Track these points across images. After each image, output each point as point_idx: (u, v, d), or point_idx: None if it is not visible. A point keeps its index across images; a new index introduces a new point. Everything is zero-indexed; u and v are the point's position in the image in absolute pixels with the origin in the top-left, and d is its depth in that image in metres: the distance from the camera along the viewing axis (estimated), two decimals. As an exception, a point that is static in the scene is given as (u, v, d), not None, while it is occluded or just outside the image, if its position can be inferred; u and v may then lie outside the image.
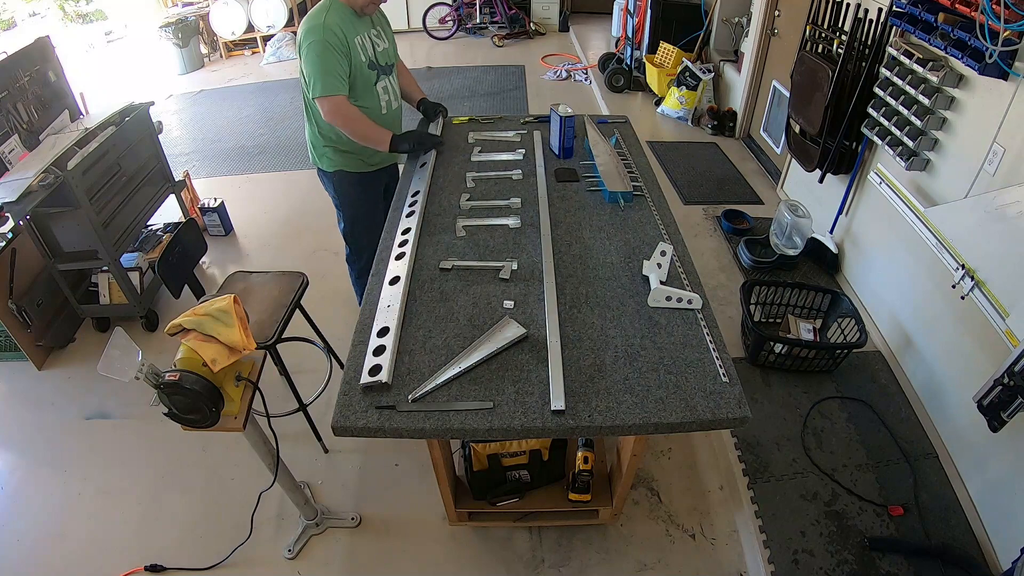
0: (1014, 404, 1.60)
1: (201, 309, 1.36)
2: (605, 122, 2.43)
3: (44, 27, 6.23)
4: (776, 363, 2.45)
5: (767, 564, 1.82)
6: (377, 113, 2.13)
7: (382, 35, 2.16)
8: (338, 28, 1.91)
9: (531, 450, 1.77)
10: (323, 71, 1.90)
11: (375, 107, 2.12)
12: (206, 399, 1.30)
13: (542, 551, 1.94)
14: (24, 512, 2.13)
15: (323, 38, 1.88)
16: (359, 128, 2.02)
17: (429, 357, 1.35)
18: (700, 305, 1.48)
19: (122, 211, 2.76)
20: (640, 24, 5.14)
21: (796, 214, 2.86)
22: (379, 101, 2.13)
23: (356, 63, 1.99)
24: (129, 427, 2.42)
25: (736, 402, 1.25)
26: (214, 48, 6.83)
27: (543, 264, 1.63)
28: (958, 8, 1.87)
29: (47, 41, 2.84)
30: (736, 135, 4.45)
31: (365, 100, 2.08)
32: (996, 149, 1.88)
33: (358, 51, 1.99)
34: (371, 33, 2.08)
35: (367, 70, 2.04)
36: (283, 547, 1.95)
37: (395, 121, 2.25)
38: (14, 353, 2.69)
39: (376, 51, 2.09)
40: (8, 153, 2.46)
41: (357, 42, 1.99)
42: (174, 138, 4.87)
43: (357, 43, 1.99)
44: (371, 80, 2.07)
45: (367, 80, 2.06)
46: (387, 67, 2.16)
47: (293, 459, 2.09)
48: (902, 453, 2.13)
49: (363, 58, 2.02)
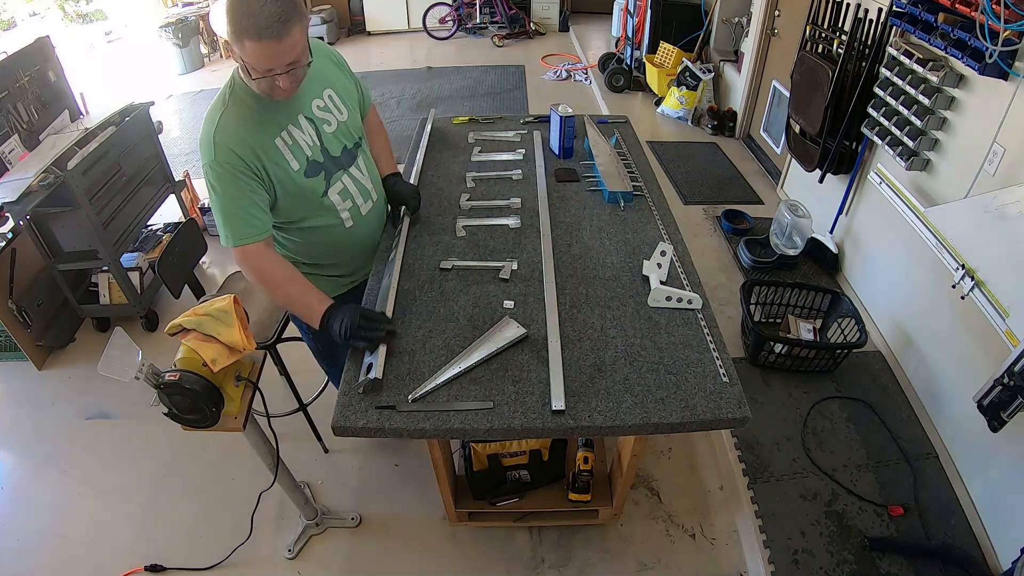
0: (1014, 404, 1.60)
1: (201, 309, 1.36)
2: (605, 122, 2.43)
3: (44, 27, 6.22)
4: (776, 363, 2.45)
5: (767, 564, 1.82)
6: (341, 231, 1.54)
7: (332, 103, 1.47)
8: (237, 139, 1.30)
9: (531, 450, 1.77)
10: (224, 211, 1.33)
11: (335, 224, 1.53)
12: (206, 399, 1.30)
13: (542, 551, 1.94)
14: (24, 512, 2.14)
15: (214, 159, 1.29)
16: (277, 292, 1.43)
17: (429, 357, 1.35)
18: (700, 305, 1.48)
19: (122, 211, 2.76)
20: (640, 24, 5.14)
21: (796, 214, 2.86)
22: (338, 215, 1.52)
23: (283, 180, 1.38)
24: (129, 427, 2.42)
25: (736, 402, 1.25)
26: (214, 48, 6.83)
27: (543, 264, 1.63)
28: (958, 8, 1.87)
29: (47, 41, 2.84)
30: (736, 135, 4.45)
31: (318, 220, 1.50)
32: (996, 149, 1.88)
33: (285, 160, 1.37)
34: (313, 111, 1.43)
35: (306, 180, 1.41)
36: (283, 547, 1.95)
37: (371, 224, 1.66)
38: (14, 353, 2.69)
39: (323, 137, 1.45)
40: (8, 153, 2.46)
41: (281, 145, 1.36)
42: (174, 138, 4.87)
43: (281, 146, 1.36)
44: (318, 190, 1.45)
45: (312, 193, 1.44)
46: (346, 155, 1.51)
47: (293, 459, 2.09)
48: (902, 453, 2.13)
49: (296, 165, 1.39)
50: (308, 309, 1.40)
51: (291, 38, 1.19)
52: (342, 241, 1.58)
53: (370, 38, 7.35)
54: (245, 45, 1.17)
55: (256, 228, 1.36)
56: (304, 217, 1.49)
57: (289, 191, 1.41)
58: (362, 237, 1.64)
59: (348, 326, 1.32)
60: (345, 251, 1.63)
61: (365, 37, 7.35)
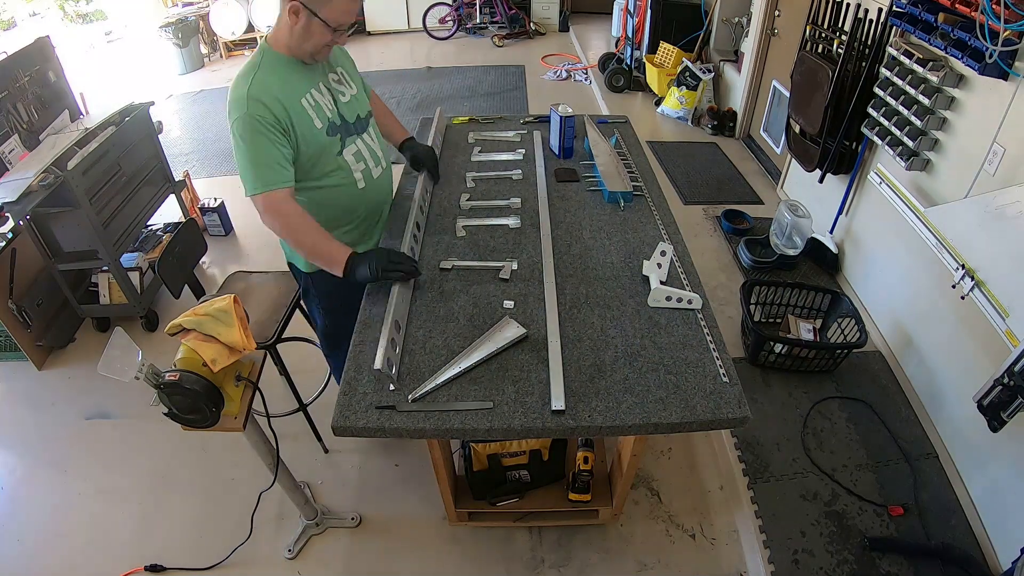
0: (1014, 404, 1.60)
1: (201, 309, 1.36)
2: (605, 122, 2.43)
3: (44, 27, 6.22)
4: (776, 363, 2.45)
5: (767, 564, 1.82)
6: (353, 190, 1.65)
7: (344, 79, 1.64)
8: (269, 96, 1.41)
9: (531, 450, 1.77)
10: (252, 161, 1.41)
11: (348, 183, 1.63)
12: (206, 399, 1.30)
13: (542, 551, 1.94)
14: (24, 512, 2.14)
15: (247, 113, 1.38)
16: (303, 238, 1.50)
17: (429, 357, 1.35)
18: (700, 305, 1.48)
19: (122, 211, 2.76)
20: (640, 24, 5.14)
21: (796, 214, 2.86)
22: (352, 174, 1.63)
23: (306, 136, 1.49)
24: (129, 427, 2.42)
25: (736, 402, 1.25)
26: (214, 48, 6.83)
27: (543, 264, 1.63)
28: (958, 8, 1.87)
29: (47, 41, 2.84)
30: (736, 135, 4.45)
31: (332, 178, 1.60)
32: (996, 149, 1.88)
33: (308, 117, 1.49)
34: (329, 81, 1.59)
35: (326, 138, 1.54)
36: (283, 547, 1.95)
37: (382, 190, 1.77)
38: (14, 353, 2.69)
39: (339, 105, 1.59)
40: (8, 153, 2.46)
41: (306, 104, 1.49)
42: (174, 138, 4.87)
43: (306, 106, 1.49)
44: (334, 149, 1.57)
45: (329, 151, 1.56)
46: (359, 122, 1.65)
47: (293, 459, 2.09)
48: (902, 453, 2.13)
49: (318, 124, 1.51)
50: (332, 255, 1.48)
51: None
52: (354, 201, 1.68)
53: (370, 38, 7.35)
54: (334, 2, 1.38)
55: (282, 177, 1.45)
56: (321, 175, 1.58)
57: (311, 147, 1.51)
58: (372, 199, 1.73)
59: (379, 262, 1.45)
60: (356, 212, 1.71)
61: (365, 37, 7.35)
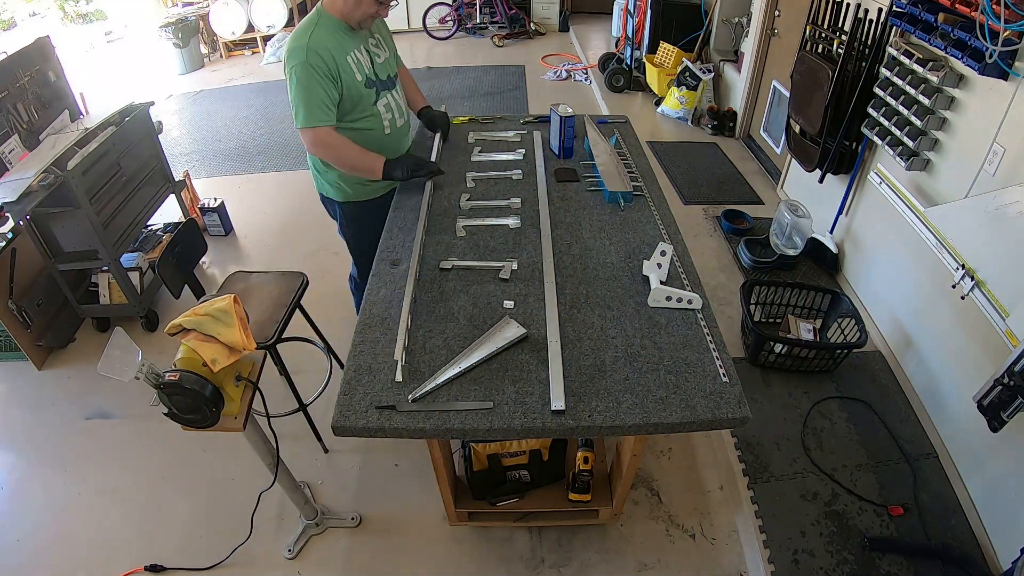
0: (1014, 404, 1.60)
1: (201, 309, 1.36)
2: (605, 122, 2.43)
3: (44, 27, 6.23)
4: (776, 363, 2.45)
5: (767, 564, 1.82)
6: (380, 135, 1.97)
7: (381, 44, 1.97)
8: (324, 49, 1.72)
9: (531, 450, 1.77)
10: (305, 100, 1.73)
11: (377, 128, 1.95)
12: (206, 399, 1.30)
13: (542, 551, 1.94)
14: (24, 512, 2.13)
15: (306, 61, 1.70)
16: (346, 158, 1.88)
17: (429, 357, 1.35)
18: (700, 305, 1.48)
19: (122, 211, 2.76)
20: (640, 24, 5.14)
21: (796, 214, 2.86)
22: (381, 121, 1.96)
23: (349, 85, 1.80)
24: (129, 427, 2.42)
25: (736, 402, 1.25)
26: (214, 48, 6.83)
27: (543, 264, 1.63)
28: (958, 8, 1.87)
29: (47, 41, 2.84)
30: (736, 135, 4.45)
31: (365, 123, 1.92)
32: (996, 149, 1.88)
33: (352, 71, 1.80)
34: (369, 44, 1.91)
35: (364, 89, 1.86)
36: (283, 547, 1.95)
37: (402, 138, 2.09)
38: (14, 353, 2.69)
39: (375, 64, 1.91)
40: (8, 153, 2.46)
41: (351, 60, 1.80)
42: (174, 138, 4.87)
43: (351, 61, 1.80)
44: (370, 99, 1.89)
45: (366, 100, 1.88)
46: (389, 80, 1.98)
47: (293, 459, 2.09)
48: (902, 453, 2.13)
49: (359, 77, 1.83)
50: (371, 163, 1.88)
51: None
52: (380, 143, 1.96)
53: (370, 38, 7.35)
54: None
55: (329, 116, 1.79)
56: (358, 119, 1.90)
57: (352, 94, 1.83)
58: (393, 144, 2.03)
59: (408, 164, 1.90)
60: (380, 152, 1.94)
61: (365, 37, 7.35)
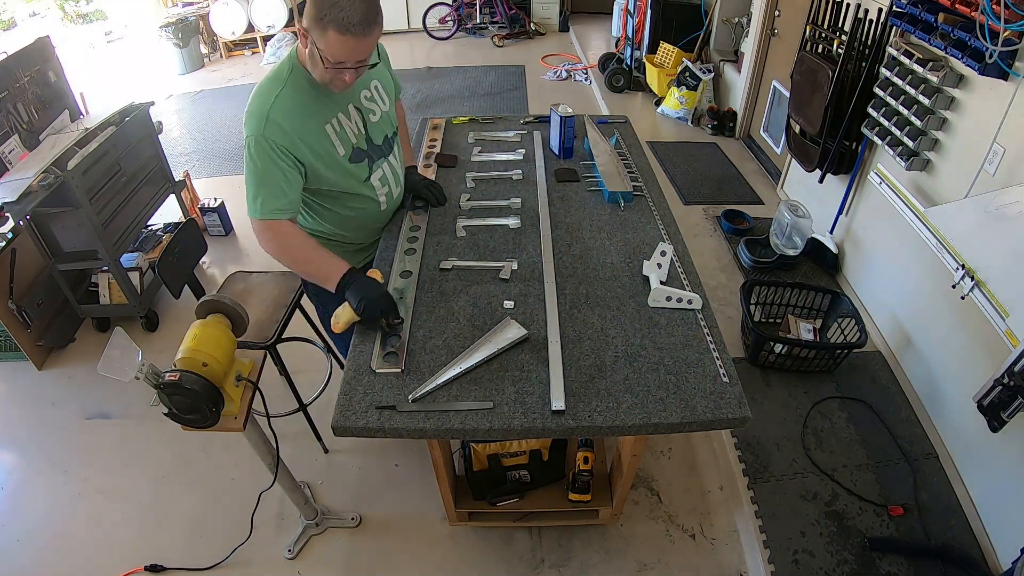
0: (1014, 404, 1.60)
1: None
2: (605, 122, 2.43)
3: (44, 27, 6.22)
4: (776, 363, 2.45)
5: (767, 564, 1.82)
6: (376, 212, 1.64)
7: (377, 94, 1.54)
8: (289, 119, 1.33)
9: (531, 450, 1.77)
10: (258, 184, 1.37)
11: (373, 207, 1.62)
12: (206, 399, 1.30)
13: (542, 551, 1.94)
14: (24, 512, 2.14)
15: (262, 134, 1.32)
16: (302, 263, 1.48)
17: (429, 357, 1.35)
18: (700, 305, 1.48)
19: (122, 211, 2.76)
20: (640, 24, 5.14)
21: (796, 214, 2.86)
22: (377, 197, 1.59)
23: (329, 164, 1.43)
24: (129, 427, 2.42)
25: (736, 402, 1.25)
26: (214, 48, 6.82)
27: (543, 264, 1.63)
28: (958, 8, 1.87)
29: (47, 41, 2.84)
30: (736, 135, 4.45)
31: (354, 204, 1.57)
32: (996, 149, 1.88)
33: (331, 144, 1.42)
34: (360, 100, 1.50)
35: (350, 165, 1.48)
36: (283, 547, 1.95)
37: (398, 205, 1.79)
38: (14, 353, 2.69)
39: (368, 127, 1.52)
40: (8, 153, 2.46)
41: (329, 130, 1.41)
42: (174, 138, 4.87)
43: (330, 132, 1.41)
44: (361, 175, 1.53)
45: (355, 177, 1.51)
46: (386, 144, 1.58)
47: (293, 459, 2.09)
48: (902, 453, 2.13)
49: (341, 152, 1.44)
50: (326, 276, 1.42)
51: (371, 38, 1.27)
52: (374, 219, 1.68)
53: (370, 38, 7.34)
54: (328, 35, 1.22)
55: (285, 207, 1.40)
56: (345, 203, 1.56)
57: (333, 175, 1.46)
58: (389, 215, 1.75)
59: (367, 300, 1.35)
60: (373, 228, 1.73)
61: (365, 37, 7.34)
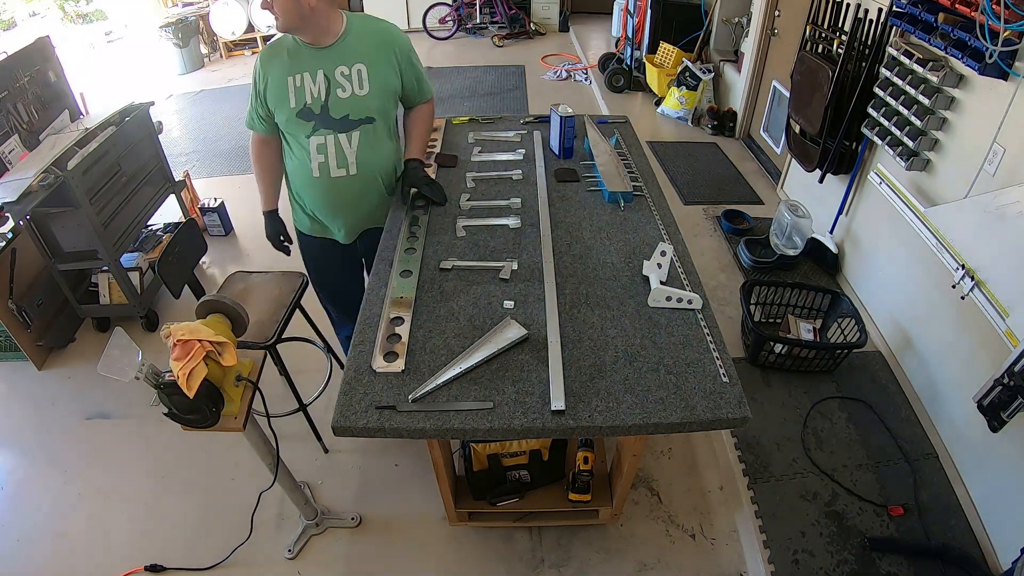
0: (1014, 404, 1.60)
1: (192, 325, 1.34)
2: (605, 122, 2.43)
3: (44, 27, 6.22)
4: (776, 363, 2.45)
5: (767, 564, 1.82)
6: (306, 175, 1.77)
7: (357, 76, 1.66)
8: (267, 62, 1.66)
9: (531, 450, 1.77)
10: (250, 101, 1.73)
11: (303, 166, 1.76)
12: (206, 399, 1.30)
13: (542, 551, 1.94)
14: (24, 512, 2.13)
15: (256, 64, 1.69)
16: (255, 171, 1.88)
17: (429, 357, 1.35)
18: (700, 305, 1.48)
19: (122, 211, 2.76)
20: (640, 24, 5.14)
21: (796, 214, 2.86)
22: (308, 161, 1.73)
23: (277, 108, 1.68)
24: (129, 427, 2.42)
25: (736, 402, 1.25)
26: (214, 48, 6.83)
27: (543, 264, 1.63)
28: (958, 8, 1.87)
29: (47, 41, 2.84)
30: (736, 135, 4.45)
31: (295, 153, 1.77)
32: (996, 149, 1.88)
33: (285, 94, 1.64)
34: (336, 73, 1.64)
35: (295, 118, 1.67)
36: (283, 547, 1.95)
37: (342, 194, 1.81)
38: (14, 353, 2.69)
39: (330, 97, 1.65)
40: (8, 153, 2.46)
41: (291, 83, 1.64)
42: (174, 138, 4.87)
43: (289, 84, 1.64)
44: (303, 132, 1.70)
45: (297, 131, 1.70)
46: (344, 122, 1.69)
47: (293, 459, 2.09)
48: (902, 453, 2.13)
49: (292, 104, 1.65)
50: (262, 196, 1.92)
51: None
52: (306, 184, 1.82)
53: (370, 38, 7.35)
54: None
55: (256, 124, 1.77)
56: (289, 147, 1.79)
57: (281, 115, 1.70)
58: (324, 195, 1.82)
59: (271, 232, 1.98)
60: (309, 194, 1.85)
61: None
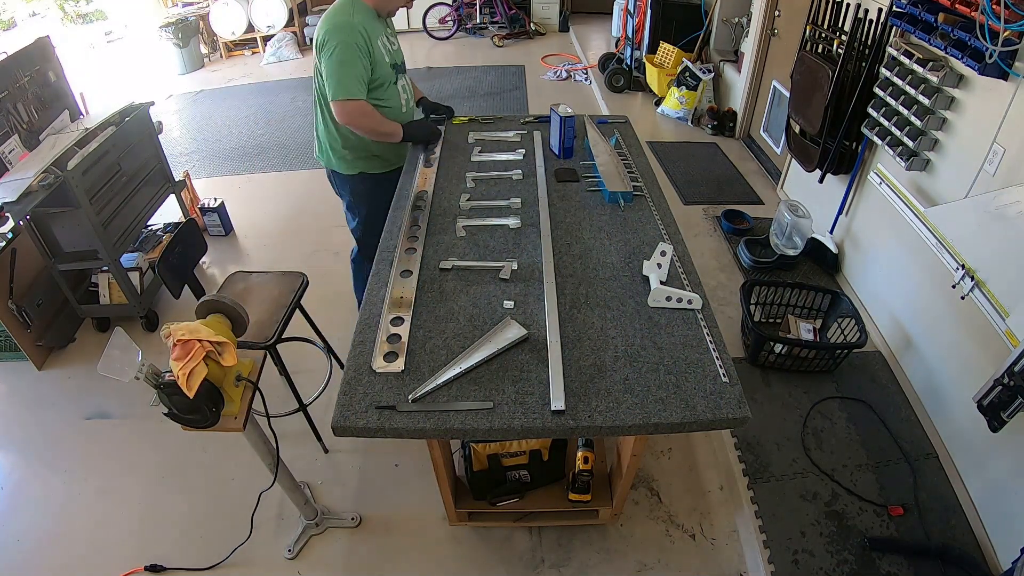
0: (1014, 404, 1.60)
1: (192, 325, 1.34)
2: (605, 122, 2.43)
3: (44, 27, 6.22)
4: (776, 363, 2.45)
5: (767, 564, 1.82)
6: (398, 112, 2.19)
7: (393, 37, 2.20)
8: (365, 31, 1.93)
9: (531, 450, 1.77)
10: (346, 74, 1.92)
11: (396, 106, 2.17)
12: (206, 399, 1.30)
13: (542, 551, 1.94)
14: (24, 512, 2.13)
15: (350, 40, 1.90)
16: (376, 127, 2.07)
17: (429, 357, 1.35)
18: (700, 305, 1.48)
19: (122, 211, 2.76)
20: (640, 24, 5.14)
21: (796, 214, 2.86)
22: (400, 100, 2.18)
23: (380, 65, 2.02)
24: (129, 427, 2.42)
25: (736, 402, 1.25)
26: (214, 48, 6.83)
27: (543, 264, 1.63)
28: (958, 8, 1.87)
29: (47, 41, 2.84)
30: (736, 135, 4.45)
31: (389, 100, 2.13)
32: (996, 149, 1.88)
33: (382, 52, 2.03)
34: (388, 34, 2.12)
35: (390, 70, 2.08)
36: (283, 547, 1.95)
37: (412, 117, 2.30)
38: (14, 353, 2.68)
39: (392, 52, 2.13)
40: (8, 153, 2.46)
41: (380, 43, 2.02)
42: (174, 138, 4.87)
43: (380, 44, 2.02)
44: (392, 80, 2.12)
45: (389, 81, 2.10)
46: (402, 66, 2.21)
47: (293, 459, 2.09)
48: (902, 453, 2.13)
49: (387, 60, 2.06)
50: (394, 128, 2.11)
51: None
52: (397, 119, 2.16)
53: (370, 38, 7.35)
54: None
55: (363, 91, 1.99)
56: (384, 96, 2.10)
57: (380, 74, 2.04)
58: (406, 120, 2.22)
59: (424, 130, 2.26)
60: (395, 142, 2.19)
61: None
